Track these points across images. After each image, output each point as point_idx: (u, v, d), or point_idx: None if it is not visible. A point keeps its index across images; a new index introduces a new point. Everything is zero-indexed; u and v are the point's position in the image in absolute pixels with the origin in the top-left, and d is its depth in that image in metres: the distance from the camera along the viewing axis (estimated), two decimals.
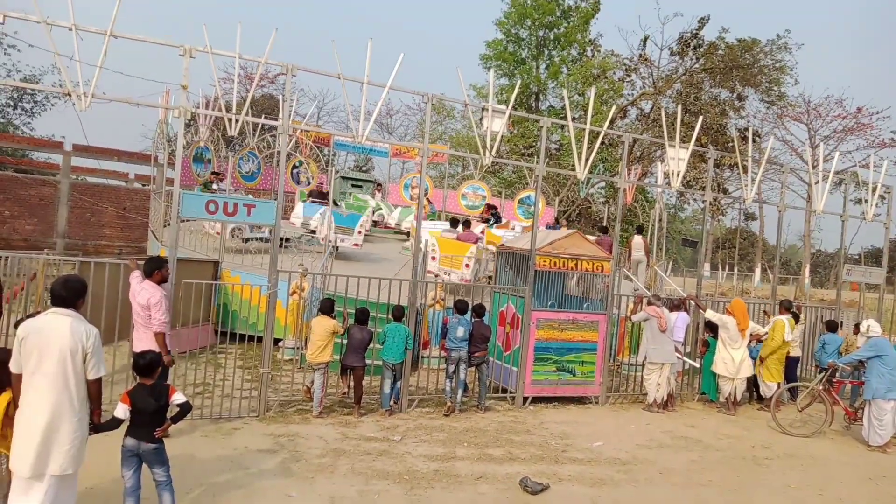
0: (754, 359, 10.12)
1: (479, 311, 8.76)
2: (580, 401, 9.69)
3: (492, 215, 17.78)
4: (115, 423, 4.35)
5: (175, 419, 4.63)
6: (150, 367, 4.54)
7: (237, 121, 7.54)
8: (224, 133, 20.21)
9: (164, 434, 4.49)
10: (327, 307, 8.00)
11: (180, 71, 7.15)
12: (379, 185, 22.00)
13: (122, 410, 4.37)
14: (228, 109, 7.67)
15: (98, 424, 4.24)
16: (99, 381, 4.15)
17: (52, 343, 3.95)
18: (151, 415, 4.42)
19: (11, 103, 31.81)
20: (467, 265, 12.21)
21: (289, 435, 6.99)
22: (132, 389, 4.50)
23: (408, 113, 39.44)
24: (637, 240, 14.84)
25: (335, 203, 16.02)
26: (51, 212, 23.32)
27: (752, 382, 10.44)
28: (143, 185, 25.40)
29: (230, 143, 23.22)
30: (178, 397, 4.57)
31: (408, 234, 17.33)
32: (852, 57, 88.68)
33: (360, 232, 13.93)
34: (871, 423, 8.52)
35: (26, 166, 26.89)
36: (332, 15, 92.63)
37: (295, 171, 20.02)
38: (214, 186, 15.10)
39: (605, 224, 18.74)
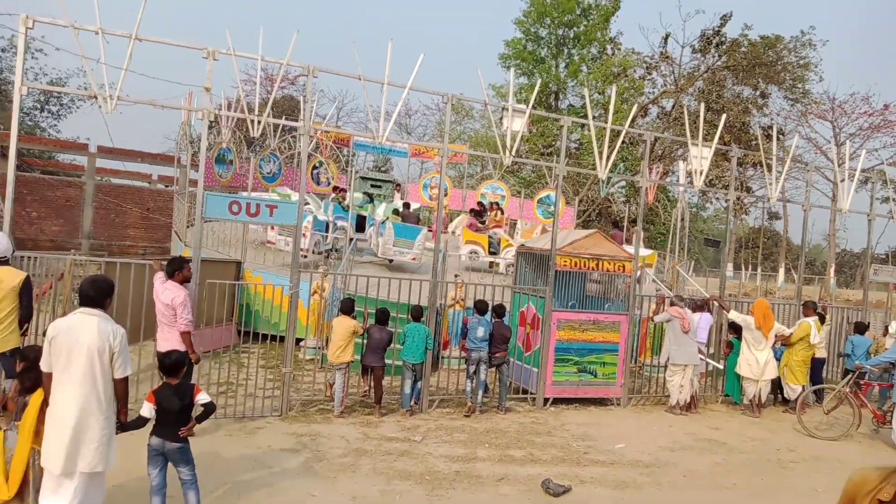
0: (779, 360, 9.97)
1: (499, 311, 8.74)
2: (601, 402, 9.62)
3: (473, 212, 17.52)
4: (141, 421, 4.41)
5: (200, 419, 4.68)
6: (175, 366, 4.59)
7: (259, 122, 7.61)
8: (246, 134, 20.38)
9: (188, 433, 4.54)
10: (348, 307, 8.04)
11: (203, 73, 7.24)
12: (398, 185, 22.04)
13: (147, 409, 4.43)
14: (250, 111, 7.74)
15: (125, 423, 4.30)
16: (125, 379, 4.21)
17: (81, 342, 4.02)
18: (177, 414, 4.47)
19: (38, 106, 32.40)
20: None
21: (311, 434, 7.04)
22: (158, 389, 4.55)
23: (426, 113, 39.51)
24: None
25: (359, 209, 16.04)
26: (76, 213, 23.73)
27: (777, 384, 10.28)
28: (167, 186, 25.76)
29: (251, 145, 23.45)
30: (202, 397, 4.62)
31: None
32: (879, 54, 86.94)
33: (420, 246, 13.92)
34: None
35: (52, 168, 27.42)
36: (352, 18, 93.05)
37: (315, 171, 20.13)
38: (346, 203, 15.58)
39: (621, 222, 18.58)
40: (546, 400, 9.20)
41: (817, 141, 36.34)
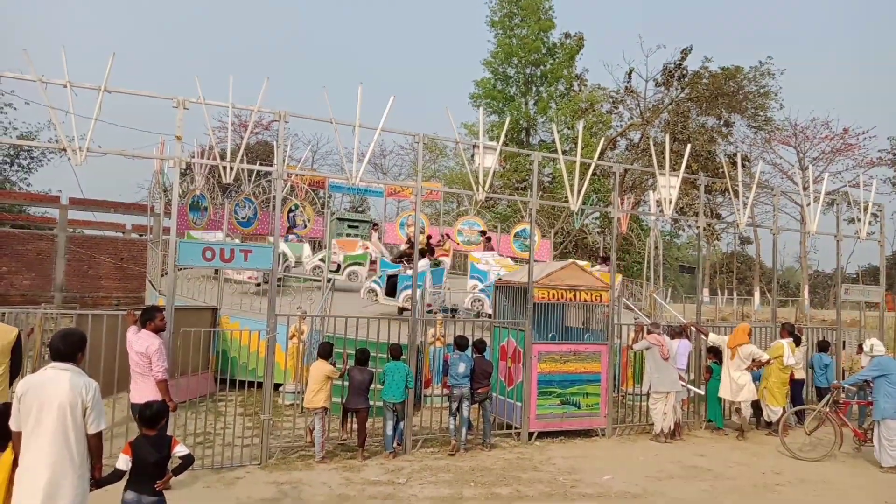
0: (758, 383, 10.05)
1: (479, 346, 8.72)
2: (587, 434, 9.57)
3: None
4: (116, 475, 4.28)
5: (177, 471, 4.56)
6: (155, 417, 4.49)
7: (231, 168, 7.63)
8: (220, 180, 20.41)
9: (165, 486, 4.41)
10: (326, 351, 7.96)
11: (174, 122, 7.27)
12: (375, 224, 22.11)
13: (123, 462, 4.30)
14: (223, 157, 7.77)
15: (99, 479, 4.17)
16: (100, 434, 4.10)
17: (52, 398, 3.92)
18: (153, 466, 4.35)
19: (8, 160, 32.12)
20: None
21: (292, 482, 6.88)
22: (134, 440, 4.44)
23: (401, 153, 39.93)
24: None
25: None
26: (48, 266, 23.34)
27: (758, 407, 10.34)
28: (141, 236, 25.50)
29: (226, 190, 23.41)
30: (180, 449, 4.51)
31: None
32: (835, 79, 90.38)
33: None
34: (881, 443, 8.40)
35: (23, 221, 27.00)
36: (324, 62, 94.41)
37: (291, 214, 20.13)
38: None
39: (598, 254, 18.79)
40: (531, 434, 9.12)
41: (782, 166, 37.43)
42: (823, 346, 11.07)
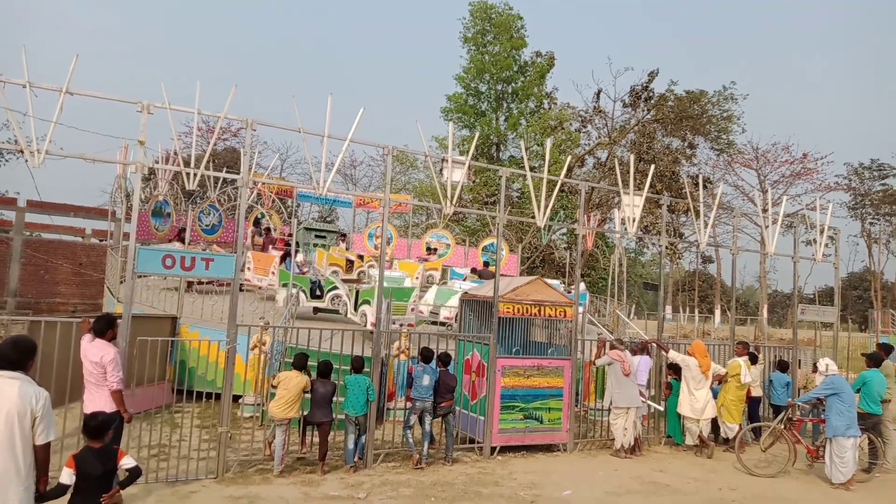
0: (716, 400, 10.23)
1: (444, 359, 8.71)
2: (548, 448, 9.60)
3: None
4: (60, 490, 4.14)
5: (123, 484, 4.44)
6: (100, 429, 4.37)
7: (195, 175, 7.51)
8: (184, 186, 20.07)
9: (111, 500, 4.29)
10: (301, 362, 7.84)
11: (138, 126, 7.14)
12: (343, 235, 21.97)
13: (67, 475, 4.17)
14: (187, 164, 7.64)
15: (43, 493, 4.03)
16: (48, 446, 3.97)
17: (0, 407, 3.78)
18: (98, 480, 4.23)
19: None
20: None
21: (249, 497, 6.74)
22: (79, 453, 4.31)
23: (371, 164, 39.82)
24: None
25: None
26: (2, 270, 22.59)
27: (715, 424, 10.52)
28: (101, 241, 24.87)
29: (191, 197, 23.01)
30: (127, 461, 4.39)
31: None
32: (797, 104, 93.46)
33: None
34: (832, 460, 8.62)
35: None
36: (298, 71, 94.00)
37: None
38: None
39: (565, 269, 18.97)
40: (493, 449, 9.12)
41: (744, 188, 38.44)
42: (783, 366, 11.33)
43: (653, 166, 12.07)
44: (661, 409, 10.61)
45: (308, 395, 7.81)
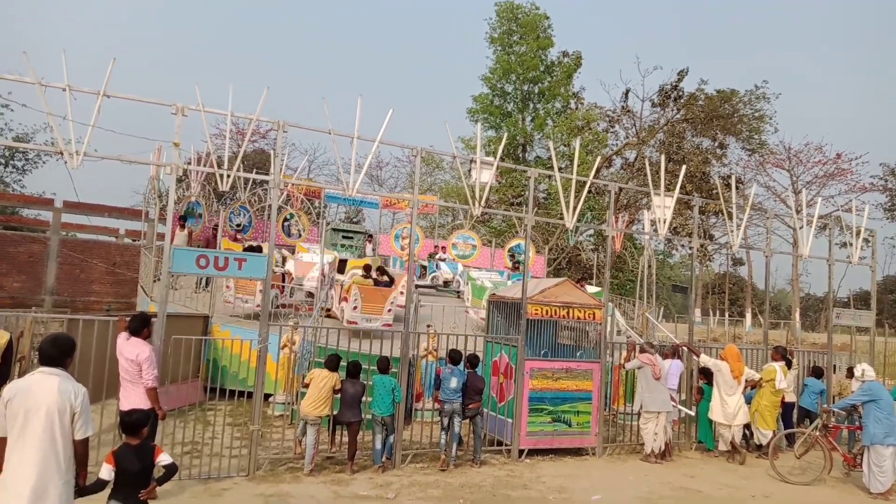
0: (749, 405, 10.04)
1: (472, 361, 8.69)
2: (577, 452, 9.53)
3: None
4: (100, 484, 4.23)
5: (160, 481, 4.50)
6: (136, 425, 4.45)
7: (228, 176, 7.62)
8: (215, 188, 20.35)
9: (149, 496, 4.36)
10: (334, 363, 7.89)
11: (173, 128, 7.26)
12: (370, 236, 22.10)
13: (106, 471, 4.25)
14: (220, 165, 7.76)
15: (83, 487, 4.11)
16: (86, 441, 4.06)
17: (40, 403, 3.87)
18: (136, 476, 4.30)
19: (3, 162, 31.99)
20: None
21: (279, 495, 6.80)
22: (117, 450, 4.39)
23: (397, 165, 40.02)
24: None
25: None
26: (40, 269, 23.16)
27: (748, 430, 10.32)
28: (134, 241, 25.37)
29: (221, 198, 23.37)
30: (163, 458, 4.46)
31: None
32: (830, 104, 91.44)
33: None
34: (871, 469, 8.39)
35: (16, 223, 26.84)
36: (325, 74, 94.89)
37: (286, 223, 20.12)
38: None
39: (592, 271, 18.82)
40: (521, 451, 9.07)
41: (776, 189, 37.72)
42: (817, 372, 11.08)
43: (683, 167, 11.90)
44: (692, 413, 10.46)
45: (338, 395, 7.87)
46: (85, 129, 6.81)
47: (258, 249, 12.63)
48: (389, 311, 12.34)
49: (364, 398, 8.04)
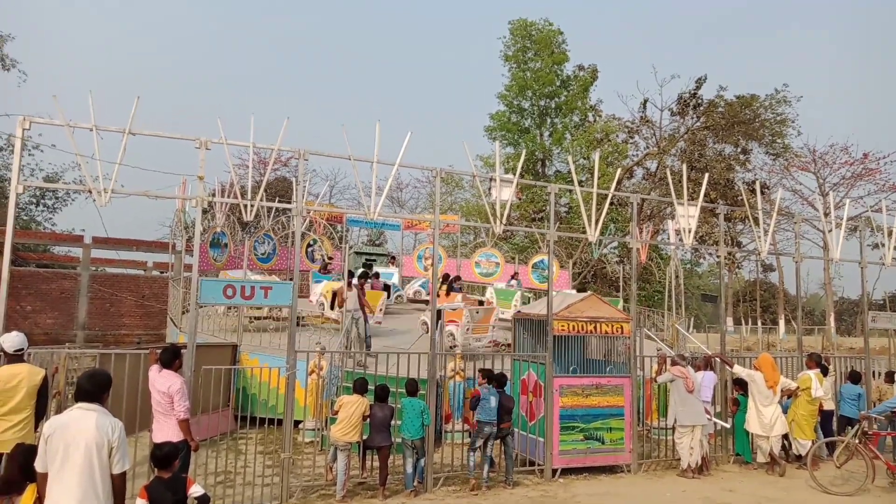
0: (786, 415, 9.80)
1: (500, 381, 8.61)
2: (611, 470, 9.36)
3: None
4: None
5: None
6: (167, 458, 4.49)
7: (252, 206, 7.73)
8: (240, 217, 20.68)
9: None
10: (362, 386, 7.87)
11: (196, 161, 7.41)
12: (393, 258, 22.19)
13: None
14: (243, 195, 7.88)
15: None
16: (124, 475, 4.12)
17: (79, 438, 3.95)
18: None
19: (34, 201, 32.85)
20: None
21: None
22: (149, 484, 4.44)
23: (417, 186, 40.21)
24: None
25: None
26: (71, 304, 23.66)
27: (787, 440, 10.06)
28: (162, 273, 25.81)
29: (246, 227, 23.71)
30: (195, 489, 4.49)
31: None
32: (853, 104, 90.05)
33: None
34: None
35: (48, 261, 27.49)
36: (342, 100, 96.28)
37: (310, 249, 20.31)
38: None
39: (618, 283, 18.67)
40: (554, 471, 8.94)
41: (802, 192, 37.01)
42: (855, 377, 10.79)
43: (706, 174, 11.78)
44: (728, 426, 10.22)
45: (367, 420, 7.84)
46: (112, 166, 6.99)
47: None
48: (493, 328, 13.55)
49: (393, 421, 8.02)
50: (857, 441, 8.90)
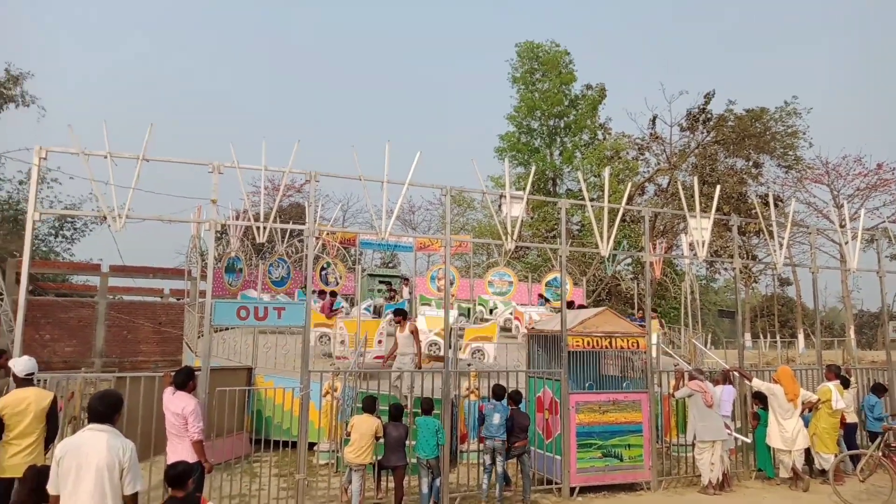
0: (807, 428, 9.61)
1: (515, 398, 8.55)
2: (631, 487, 9.20)
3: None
4: None
5: None
6: (180, 477, 4.49)
7: (265, 228, 7.81)
8: (254, 241, 20.85)
9: None
10: (370, 405, 7.83)
11: (210, 186, 7.52)
12: (406, 279, 22.19)
13: None
14: (257, 219, 7.96)
15: None
16: (136, 496, 4.11)
17: (90, 459, 3.96)
18: None
19: (53, 232, 33.39)
20: (379, 341, 12.77)
21: None
22: (164, 503, 4.43)
23: (429, 208, 40.37)
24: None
25: None
26: (89, 332, 23.88)
27: (809, 454, 9.85)
28: (178, 300, 26.01)
29: (260, 251, 23.89)
30: None
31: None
32: (862, 117, 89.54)
33: None
34: None
35: (66, 290, 27.83)
36: (352, 123, 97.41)
37: (323, 272, 20.39)
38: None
39: (633, 300, 18.53)
40: (572, 489, 8.81)
41: (816, 204, 36.69)
42: (878, 389, 10.58)
43: (717, 187, 11.74)
44: (749, 441, 10.04)
45: (381, 440, 7.79)
46: (126, 192, 7.11)
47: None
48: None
49: (408, 441, 7.96)
50: (879, 454, 8.70)
